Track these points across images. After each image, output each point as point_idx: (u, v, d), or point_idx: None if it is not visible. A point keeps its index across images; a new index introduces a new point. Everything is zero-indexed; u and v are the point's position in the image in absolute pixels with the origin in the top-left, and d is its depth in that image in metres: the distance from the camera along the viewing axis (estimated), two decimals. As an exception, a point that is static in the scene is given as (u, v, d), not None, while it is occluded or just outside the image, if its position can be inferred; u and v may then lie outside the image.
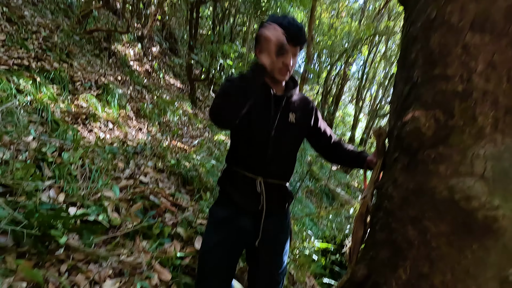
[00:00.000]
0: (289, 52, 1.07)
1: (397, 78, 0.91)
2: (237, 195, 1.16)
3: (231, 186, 1.18)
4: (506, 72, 0.68)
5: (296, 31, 1.05)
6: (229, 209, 1.17)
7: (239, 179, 1.16)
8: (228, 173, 1.21)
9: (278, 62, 1.06)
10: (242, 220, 1.16)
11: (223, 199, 1.21)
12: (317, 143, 1.30)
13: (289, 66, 1.09)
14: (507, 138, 0.67)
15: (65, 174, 1.84)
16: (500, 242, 0.68)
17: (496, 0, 0.68)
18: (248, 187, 1.15)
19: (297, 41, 1.07)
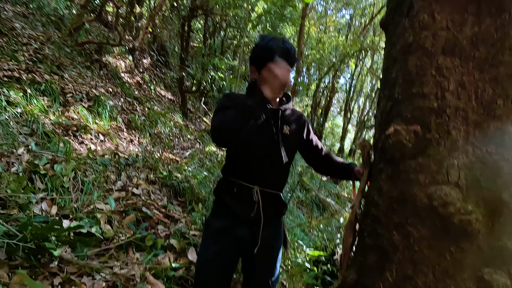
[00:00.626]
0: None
1: (380, 94, 1.00)
2: (234, 204, 1.19)
3: (228, 196, 1.21)
4: (474, 91, 0.77)
5: (287, 52, 1.14)
6: (226, 219, 1.20)
7: (236, 189, 1.20)
8: (225, 183, 1.24)
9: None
10: (239, 229, 1.20)
11: (220, 209, 1.24)
12: (309, 155, 1.37)
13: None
14: (477, 150, 0.75)
15: (57, 186, 1.84)
16: (475, 244, 0.74)
17: (463, 29, 0.77)
18: (245, 196, 1.19)
19: (289, 61, 1.16)
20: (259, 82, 1.19)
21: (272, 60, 1.14)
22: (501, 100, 0.75)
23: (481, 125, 0.76)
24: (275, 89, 1.13)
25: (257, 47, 1.20)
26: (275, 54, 1.14)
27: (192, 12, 6.31)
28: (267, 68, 1.14)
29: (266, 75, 1.14)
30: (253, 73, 1.22)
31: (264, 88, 1.11)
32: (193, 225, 2.32)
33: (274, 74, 1.12)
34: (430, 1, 0.82)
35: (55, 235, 1.38)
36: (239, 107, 1.06)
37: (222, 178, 1.28)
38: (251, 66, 1.22)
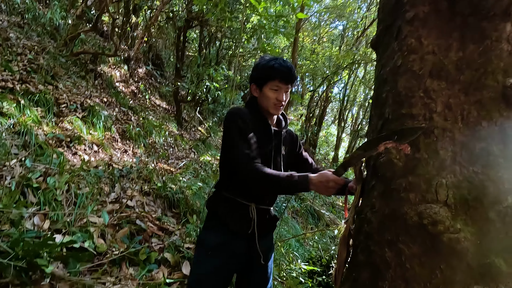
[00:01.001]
0: (282, 89, 1.22)
1: (372, 113, 1.03)
2: (230, 220, 1.21)
3: (224, 212, 1.22)
4: (460, 113, 0.80)
5: (287, 71, 1.20)
6: (221, 235, 1.21)
7: (232, 205, 1.22)
8: (220, 199, 1.25)
9: (272, 98, 1.21)
10: (235, 245, 1.21)
11: (214, 224, 1.25)
12: (300, 170, 1.39)
13: (282, 102, 1.22)
14: (464, 169, 0.78)
15: (50, 200, 1.82)
16: (464, 262, 0.76)
17: (448, 54, 0.81)
18: (241, 213, 1.21)
19: (288, 80, 1.21)
20: (260, 100, 1.26)
21: (272, 79, 1.20)
22: (486, 122, 0.78)
23: (467, 146, 0.79)
24: (274, 107, 1.21)
25: (258, 66, 1.25)
26: (276, 73, 1.19)
27: (188, 23, 6.39)
28: (268, 87, 1.21)
29: (268, 94, 1.21)
30: (254, 91, 1.27)
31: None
32: (187, 238, 2.31)
33: (274, 93, 1.20)
34: (417, 26, 0.86)
35: (47, 251, 1.36)
36: (285, 181, 1.07)
37: (217, 193, 1.29)
38: (252, 85, 1.28)
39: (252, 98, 1.30)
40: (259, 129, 1.23)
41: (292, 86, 1.25)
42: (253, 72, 1.28)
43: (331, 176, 1.06)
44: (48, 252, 1.36)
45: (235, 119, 1.18)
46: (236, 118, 1.18)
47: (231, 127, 1.19)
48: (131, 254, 1.77)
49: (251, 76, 1.29)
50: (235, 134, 1.16)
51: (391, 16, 0.95)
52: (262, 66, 1.23)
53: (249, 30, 5.41)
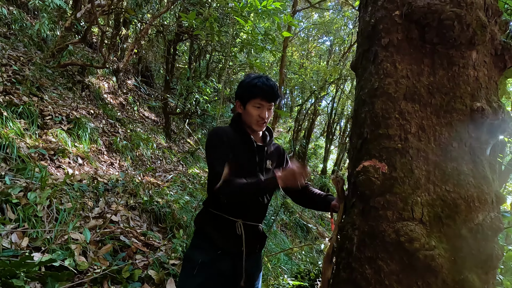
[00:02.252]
0: (265, 107, 1.25)
1: (352, 132, 1.06)
2: (217, 237, 1.21)
3: (211, 229, 1.23)
4: (433, 134, 0.84)
5: (269, 90, 1.24)
6: (207, 252, 1.20)
7: (219, 222, 1.22)
8: (207, 216, 1.26)
9: (255, 116, 1.25)
10: (221, 263, 1.20)
11: (201, 242, 1.24)
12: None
13: (265, 119, 1.26)
14: (437, 188, 0.82)
15: (30, 216, 1.76)
16: (439, 278, 0.79)
17: (420, 78, 0.86)
18: (228, 230, 1.21)
19: (271, 99, 1.26)
20: (244, 117, 1.30)
21: (255, 97, 1.24)
22: (456, 143, 0.83)
23: (440, 165, 0.83)
24: (257, 124, 1.26)
25: (243, 84, 1.29)
26: (258, 91, 1.23)
27: (178, 36, 6.46)
28: (251, 104, 1.25)
29: (251, 111, 1.25)
30: (238, 108, 1.31)
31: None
32: (173, 254, 2.26)
33: (257, 110, 1.24)
34: (392, 51, 0.91)
35: (24, 271, 1.31)
36: (253, 186, 1.14)
37: (205, 210, 1.29)
38: (236, 101, 1.32)
39: (237, 114, 1.34)
40: (242, 145, 1.25)
41: (275, 103, 1.29)
42: (238, 89, 1.32)
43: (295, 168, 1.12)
44: (25, 272, 1.31)
45: (212, 137, 1.24)
46: (213, 137, 1.24)
47: (207, 146, 1.24)
48: (113, 272, 1.73)
49: (236, 93, 1.33)
50: (210, 153, 1.23)
51: (368, 41, 1.00)
52: (246, 84, 1.27)
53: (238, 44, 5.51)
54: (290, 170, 1.13)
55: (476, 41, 0.82)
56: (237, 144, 1.24)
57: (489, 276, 0.81)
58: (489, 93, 0.86)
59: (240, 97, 1.29)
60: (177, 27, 5.98)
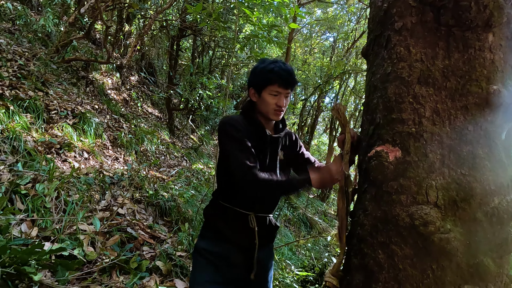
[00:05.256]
0: (282, 94, 1.16)
1: (363, 119, 1.06)
2: (228, 231, 1.17)
3: (222, 222, 1.18)
4: (447, 118, 0.83)
5: (287, 75, 1.14)
6: (220, 246, 1.17)
7: (231, 215, 1.18)
8: (218, 209, 1.21)
9: (272, 104, 1.16)
10: (234, 256, 1.17)
11: (211, 234, 1.20)
12: (302, 169, 1.34)
13: (282, 107, 1.17)
14: (452, 172, 0.81)
15: (39, 207, 1.78)
16: (454, 262, 0.79)
17: (435, 61, 0.85)
18: (241, 223, 1.17)
19: (288, 85, 1.16)
20: (258, 105, 1.20)
21: (272, 83, 1.14)
22: (472, 126, 0.82)
23: (455, 149, 0.82)
24: (274, 113, 1.17)
25: (257, 69, 1.19)
26: (275, 77, 1.13)
27: (181, 32, 6.44)
28: (267, 91, 1.15)
29: (267, 99, 1.16)
30: (252, 96, 1.21)
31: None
32: (179, 246, 2.27)
33: (274, 98, 1.15)
34: (406, 35, 0.90)
35: (35, 259, 1.32)
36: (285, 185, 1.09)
37: (215, 203, 1.24)
38: (250, 89, 1.21)
39: (250, 103, 1.24)
40: (254, 135, 1.17)
41: (292, 90, 1.20)
42: (251, 75, 1.21)
43: (333, 166, 1.07)
44: (36, 260, 1.32)
45: (227, 128, 1.14)
46: (228, 127, 1.14)
47: (224, 137, 1.14)
48: (121, 262, 1.74)
49: (250, 80, 1.22)
50: (230, 144, 1.12)
51: (380, 26, 0.99)
52: (261, 70, 1.17)
53: (242, 39, 5.49)
54: (326, 170, 1.06)
55: (493, 23, 0.80)
56: (249, 134, 1.16)
57: (503, 260, 0.80)
58: (505, 76, 0.85)
59: (254, 84, 1.19)
60: (180, 22, 5.96)
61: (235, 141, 1.12)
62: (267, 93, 1.15)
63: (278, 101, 1.16)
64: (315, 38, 12.75)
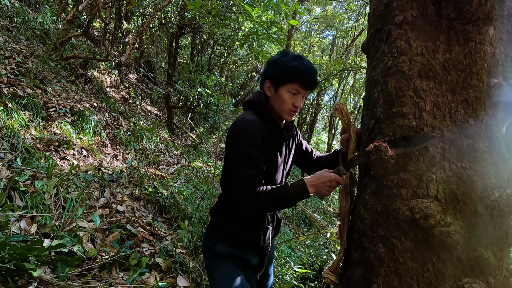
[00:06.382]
0: (301, 94, 1.09)
1: (364, 113, 1.05)
2: (248, 236, 1.13)
3: (240, 229, 1.13)
4: (448, 111, 0.83)
5: (312, 76, 1.06)
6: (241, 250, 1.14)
7: (248, 221, 1.13)
8: (233, 216, 1.13)
9: (288, 103, 1.07)
10: (253, 258, 1.17)
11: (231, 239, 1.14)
12: (301, 160, 1.32)
13: (298, 108, 1.10)
14: (452, 165, 0.81)
15: (38, 203, 1.77)
16: (454, 255, 0.79)
17: (436, 55, 0.85)
18: (257, 226, 1.14)
19: (311, 86, 1.08)
20: (272, 101, 1.10)
21: (293, 82, 1.05)
22: (472, 120, 0.82)
23: (455, 143, 0.82)
24: (289, 113, 1.09)
25: (279, 62, 1.08)
26: (299, 76, 1.05)
27: (180, 29, 6.42)
28: (285, 88, 1.06)
29: (284, 96, 1.06)
30: (267, 89, 1.11)
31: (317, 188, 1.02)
32: (179, 243, 2.27)
33: (292, 97, 1.06)
34: (406, 29, 0.90)
35: (35, 255, 1.32)
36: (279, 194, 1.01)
37: (225, 208, 1.16)
38: (266, 81, 1.10)
39: (262, 97, 1.12)
40: (271, 137, 1.09)
41: (312, 91, 1.13)
42: (270, 67, 1.09)
43: (332, 176, 1.00)
44: (35, 256, 1.32)
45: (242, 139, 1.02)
46: (244, 139, 1.02)
47: (235, 149, 1.03)
48: (121, 259, 1.73)
49: (267, 71, 1.10)
50: (235, 157, 1.03)
51: (381, 20, 0.98)
52: (284, 64, 1.06)
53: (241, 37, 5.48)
54: (326, 177, 1.00)
55: (494, 16, 0.80)
56: (266, 137, 1.06)
57: (503, 254, 0.81)
58: (505, 70, 0.85)
59: (273, 77, 1.08)
60: (179, 20, 5.94)
61: (243, 154, 1.02)
62: (285, 90, 1.06)
63: (295, 101, 1.07)
64: (314, 36, 12.73)
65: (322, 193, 1.03)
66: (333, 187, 1.02)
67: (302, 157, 1.31)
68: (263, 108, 1.11)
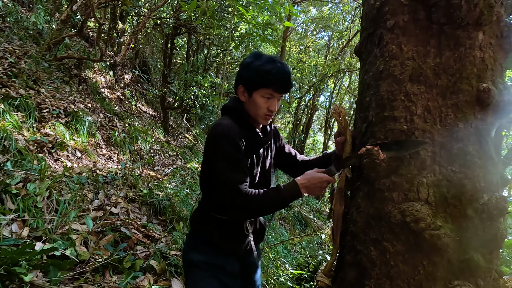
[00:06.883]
0: (275, 98, 1.07)
1: (356, 116, 1.06)
2: (226, 243, 1.12)
3: (218, 235, 1.11)
4: (438, 115, 0.84)
5: (286, 80, 1.05)
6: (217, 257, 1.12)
7: (226, 227, 1.11)
8: (212, 222, 1.12)
9: (263, 108, 1.06)
10: (232, 265, 1.14)
11: (207, 247, 1.12)
12: (284, 163, 1.30)
13: (273, 112, 1.08)
14: (443, 169, 0.82)
15: (30, 206, 1.75)
16: (445, 258, 0.79)
17: (426, 59, 0.85)
18: (237, 232, 1.13)
19: (285, 90, 1.07)
20: (247, 106, 1.09)
21: (266, 86, 1.03)
22: (462, 123, 0.83)
23: (446, 146, 0.83)
24: (264, 117, 1.08)
25: (251, 66, 1.05)
26: (272, 80, 1.03)
27: (176, 30, 6.40)
28: (259, 93, 1.05)
29: (258, 101, 1.05)
30: (240, 94, 1.09)
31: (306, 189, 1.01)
32: (174, 245, 2.26)
33: (266, 101, 1.05)
34: (398, 33, 0.91)
35: (26, 259, 1.30)
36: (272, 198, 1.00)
37: (205, 214, 1.15)
38: (239, 86, 1.09)
39: (238, 103, 1.11)
40: (248, 141, 1.07)
41: (287, 93, 1.12)
42: (243, 71, 1.07)
43: (324, 177, 1.01)
44: (27, 260, 1.30)
45: (221, 143, 1.01)
46: (223, 142, 1.01)
47: (215, 152, 1.02)
48: (115, 262, 1.72)
49: (240, 76, 1.08)
50: (221, 161, 1.01)
51: (373, 24, 0.99)
52: (256, 68, 1.04)
53: (237, 38, 5.48)
54: (317, 178, 0.99)
55: (483, 21, 0.81)
56: (243, 141, 1.05)
57: (493, 256, 0.82)
58: (494, 74, 0.86)
59: (246, 82, 1.06)
60: (174, 20, 5.92)
61: (228, 159, 1.00)
62: (259, 95, 1.05)
63: (270, 105, 1.06)
64: (310, 37, 12.77)
65: (314, 193, 1.04)
66: (325, 188, 1.03)
67: (285, 160, 1.28)
68: (238, 112, 1.09)
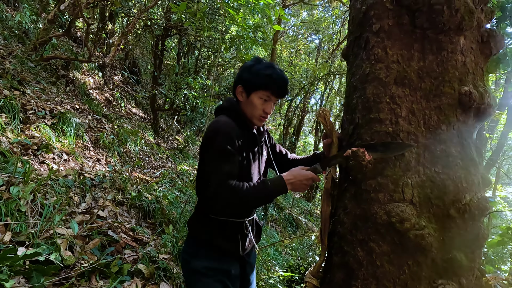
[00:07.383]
0: (272, 101, 1.12)
1: (344, 118, 1.07)
2: (228, 244, 1.12)
3: (220, 237, 1.11)
4: (422, 117, 0.86)
5: (283, 85, 1.11)
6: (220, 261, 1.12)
7: (226, 228, 1.12)
8: (211, 225, 1.12)
9: (259, 110, 1.11)
10: (234, 267, 1.14)
11: (210, 251, 1.12)
12: (276, 161, 1.32)
13: (269, 114, 1.13)
14: (427, 170, 0.84)
15: (13, 210, 1.70)
16: (429, 258, 0.81)
17: (411, 63, 0.87)
18: (236, 233, 1.14)
19: (282, 95, 1.13)
20: (244, 106, 1.13)
21: (265, 89, 1.09)
22: (445, 126, 0.85)
23: (429, 148, 0.85)
24: (259, 118, 1.12)
25: (252, 69, 1.11)
26: (271, 84, 1.08)
27: (166, 31, 6.35)
28: (257, 95, 1.10)
29: (256, 102, 1.10)
30: (239, 94, 1.13)
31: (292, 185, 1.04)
32: (163, 248, 2.23)
33: (263, 103, 1.10)
34: (383, 37, 0.92)
35: (8, 265, 1.26)
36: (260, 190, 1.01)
37: (205, 219, 1.14)
38: (238, 87, 1.13)
39: (235, 102, 1.16)
40: (245, 140, 1.11)
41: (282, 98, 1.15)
42: (243, 72, 1.13)
43: (309, 174, 1.03)
44: (8, 266, 1.26)
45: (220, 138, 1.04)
46: (217, 136, 1.04)
47: (211, 147, 1.04)
48: (101, 266, 1.68)
49: (240, 77, 1.13)
50: (212, 154, 1.04)
51: (359, 28, 1.01)
52: (257, 71, 1.09)
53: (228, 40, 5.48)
54: (302, 175, 1.02)
55: (464, 26, 0.84)
56: (239, 139, 1.08)
57: (475, 255, 0.84)
58: (476, 78, 0.89)
59: (246, 82, 1.11)
60: (165, 22, 5.88)
61: (220, 151, 1.03)
62: (257, 96, 1.10)
63: (266, 107, 1.11)
64: (301, 40, 12.89)
65: (298, 190, 1.06)
66: (309, 185, 1.05)
67: (277, 159, 1.32)
68: (236, 112, 1.13)
